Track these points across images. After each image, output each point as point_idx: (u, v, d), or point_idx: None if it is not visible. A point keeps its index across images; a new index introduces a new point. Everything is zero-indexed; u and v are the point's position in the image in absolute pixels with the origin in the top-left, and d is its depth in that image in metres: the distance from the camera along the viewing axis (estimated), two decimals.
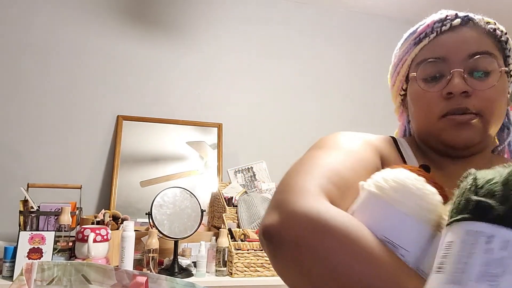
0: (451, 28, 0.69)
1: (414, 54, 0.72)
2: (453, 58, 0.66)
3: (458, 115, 0.65)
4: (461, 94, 0.64)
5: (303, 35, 2.74)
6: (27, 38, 2.24)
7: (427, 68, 0.69)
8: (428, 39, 0.70)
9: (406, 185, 0.48)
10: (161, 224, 1.75)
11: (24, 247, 1.64)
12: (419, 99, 0.70)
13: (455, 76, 0.65)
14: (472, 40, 0.67)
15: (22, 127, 2.18)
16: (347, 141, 0.65)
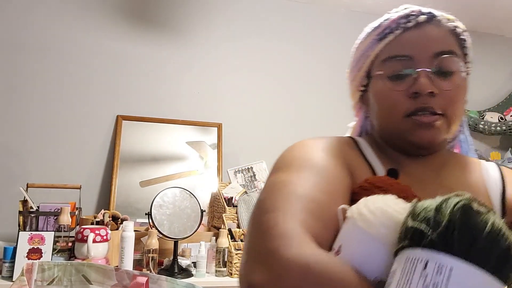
0: (416, 25, 0.68)
1: (378, 50, 0.70)
2: (419, 56, 0.66)
3: (423, 116, 0.65)
4: (427, 94, 0.64)
5: (303, 34, 2.74)
6: (27, 38, 2.24)
7: (393, 66, 0.68)
8: (394, 35, 0.68)
9: (396, 220, 0.45)
10: (161, 224, 1.74)
11: (23, 247, 1.64)
12: (384, 97, 0.69)
13: (421, 75, 0.65)
14: (438, 39, 0.67)
15: (22, 127, 2.18)
16: (314, 157, 0.62)
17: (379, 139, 0.74)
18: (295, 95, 2.67)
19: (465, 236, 0.38)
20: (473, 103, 3.04)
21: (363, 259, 0.46)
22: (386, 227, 0.45)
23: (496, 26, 3.06)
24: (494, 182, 0.72)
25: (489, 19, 2.93)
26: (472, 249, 0.38)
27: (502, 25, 3.03)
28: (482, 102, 3.07)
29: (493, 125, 2.82)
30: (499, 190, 0.71)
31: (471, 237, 0.38)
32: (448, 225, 0.39)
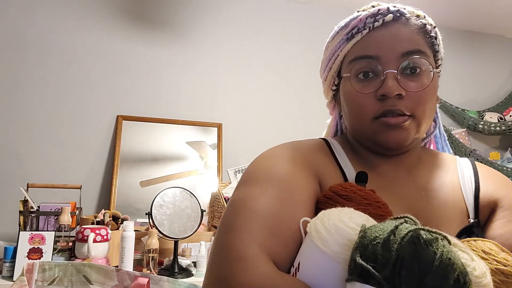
0: (383, 24, 0.67)
1: (347, 50, 0.70)
2: (386, 57, 0.65)
3: (391, 117, 0.64)
4: (395, 96, 0.63)
5: (303, 34, 2.74)
6: (27, 38, 2.24)
7: (360, 66, 0.67)
8: (361, 35, 0.68)
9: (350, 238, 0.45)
10: (161, 224, 1.75)
11: (24, 247, 1.64)
12: (352, 99, 0.68)
13: (388, 77, 0.64)
14: (405, 38, 0.66)
15: (22, 127, 2.18)
16: (277, 169, 0.61)
17: (351, 139, 0.74)
18: (295, 95, 2.67)
19: (413, 275, 0.38)
20: (473, 103, 3.05)
21: (319, 278, 0.46)
22: (340, 246, 0.44)
23: (496, 26, 3.06)
24: (468, 179, 0.72)
25: (489, 19, 2.93)
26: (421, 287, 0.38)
27: (502, 25, 3.03)
28: (482, 102, 3.07)
29: (493, 125, 2.82)
30: (472, 187, 0.71)
31: (420, 275, 0.38)
32: (395, 263, 0.39)
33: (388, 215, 0.56)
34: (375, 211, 0.55)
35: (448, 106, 2.93)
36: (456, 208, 0.68)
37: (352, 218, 0.47)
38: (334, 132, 0.83)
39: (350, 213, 0.48)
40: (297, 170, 0.62)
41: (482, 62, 3.12)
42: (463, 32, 3.08)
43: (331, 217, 0.48)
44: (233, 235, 0.51)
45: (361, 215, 0.48)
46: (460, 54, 3.08)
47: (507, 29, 3.12)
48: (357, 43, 0.68)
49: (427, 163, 0.74)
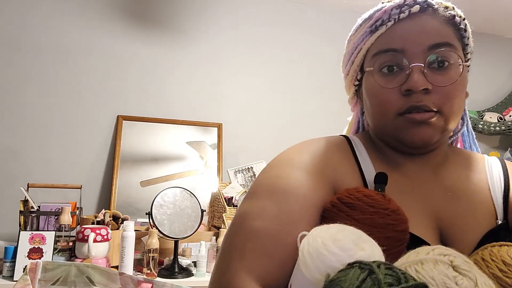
0: (409, 15, 0.63)
1: (370, 44, 0.66)
2: (412, 50, 0.61)
3: (416, 114, 0.60)
4: (421, 91, 0.60)
5: (303, 35, 2.74)
6: (27, 38, 2.24)
7: (384, 60, 0.63)
8: (385, 27, 0.64)
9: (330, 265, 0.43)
10: (161, 224, 1.75)
11: (24, 247, 1.64)
12: (376, 94, 0.64)
13: (414, 71, 0.60)
14: (432, 30, 0.62)
15: (22, 127, 2.18)
16: (285, 179, 0.59)
17: (374, 137, 0.70)
18: (295, 95, 2.67)
19: None
20: (473, 103, 3.05)
21: None
22: (321, 273, 0.43)
23: (495, 26, 3.07)
24: (497, 179, 0.68)
25: (488, 19, 2.94)
26: None
27: (502, 25, 3.04)
28: (482, 102, 3.08)
29: (492, 125, 2.83)
30: (501, 188, 0.67)
31: None
32: None
33: (399, 222, 0.52)
34: (382, 220, 0.52)
35: None
36: (484, 209, 0.65)
37: (337, 241, 0.44)
38: (356, 129, 0.80)
39: (337, 233, 0.45)
40: (306, 178, 0.59)
41: (482, 62, 3.12)
42: None
43: (316, 239, 0.45)
44: (227, 258, 0.55)
45: (350, 235, 0.45)
46: None
47: (506, 29, 3.12)
48: (381, 35, 0.64)
49: (454, 162, 0.71)
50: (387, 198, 0.55)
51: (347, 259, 0.43)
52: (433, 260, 0.43)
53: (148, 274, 1.70)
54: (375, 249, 0.45)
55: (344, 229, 0.46)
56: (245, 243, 0.54)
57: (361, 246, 0.44)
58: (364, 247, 0.44)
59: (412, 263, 0.44)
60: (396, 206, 0.54)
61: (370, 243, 0.45)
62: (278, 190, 0.58)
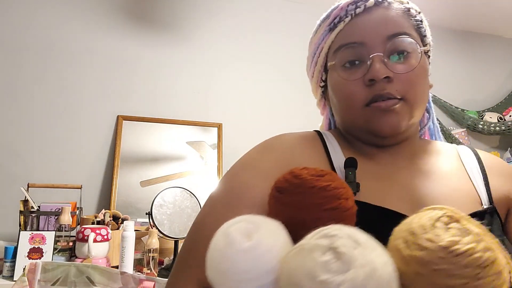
0: (365, 9, 0.65)
1: (331, 41, 0.68)
2: (371, 41, 0.62)
3: (382, 102, 0.61)
4: (383, 80, 0.61)
5: (303, 34, 2.74)
6: (27, 38, 2.24)
7: (345, 54, 0.64)
8: (343, 24, 0.66)
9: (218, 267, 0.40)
10: (161, 224, 1.75)
11: (24, 247, 1.64)
12: (340, 88, 0.65)
13: (375, 61, 0.61)
14: (389, 21, 0.63)
15: (22, 127, 2.18)
16: (245, 187, 0.60)
17: (344, 133, 0.71)
18: (295, 95, 2.67)
19: None
20: (473, 103, 3.05)
21: None
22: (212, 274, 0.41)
23: (494, 27, 3.07)
24: (473, 166, 0.69)
25: (487, 19, 2.94)
26: None
27: (501, 25, 3.04)
28: (481, 102, 3.08)
29: (492, 125, 2.83)
30: (480, 174, 0.67)
31: None
32: None
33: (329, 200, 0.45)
34: (309, 200, 0.45)
35: (448, 106, 2.94)
36: (466, 194, 0.65)
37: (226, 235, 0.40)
38: (327, 130, 0.80)
39: (231, 226, 0.41)
40: (265, 185, 0.54)
41: (481, 62, 3.12)
42: (462, 32, 3.08)
43: (216, 237, 0.42)
44: (172, 273, 0.60)
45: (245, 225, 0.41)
46: (459, 55, 3.08)
47: (505, 29, 3.12)
48: (340, 32, 0.66)
49: (428, 151, 0.71)
50: (323, 175, 0.48)
51: (231, 254, 0.38)
52: (311, 246, 0.37)
53: (148, 274, 1.70)
54: (270, 237, 0.40)
55: (243, 219, 0.42)
56: (190, 252, 0.56)
57: (251, 236, 0.39)
58: (253, 237, 0.39)
59: (292, 250, 0.38)
60: (328, 182, 0.47)
61: (266, 231, 0.40)
62: (233, 200, 0.59)
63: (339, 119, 0.71)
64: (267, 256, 0.38)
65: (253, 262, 0.38)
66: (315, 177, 0.47)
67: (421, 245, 0.37)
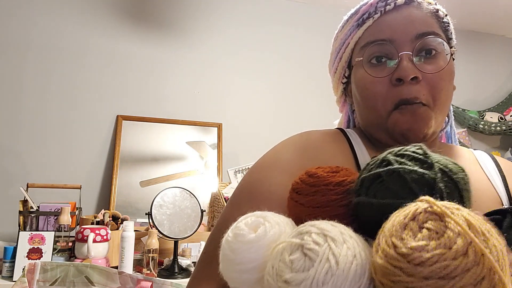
0: (395, 7, 0.64)
1: (358, 37, 0.66)
2: (400, 39, 0.61)
3: (408, 106, 0.60)
4: (411, 80, 0.59)
5: (303, 34, 2.74)
6: (27, 38, 2.24)
7: (373, 51, 0.63)
8: (372, 20, 0.64)
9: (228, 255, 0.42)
10: (161, 224, 1.74)
11: (23, 247, 1.64)
12: (366, 86, 0.64)
13: (403, 59, 0.60)
14: (419, 20, 0.62)
15: (22, 127, 2.18)
16: (268, 184, 0.59)
17: (366, 132, 0.69)
18: (295, 95, 2.67)
19: None
20: (473, 103, 3.05)
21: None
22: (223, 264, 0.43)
23: (496, 26, 3.06)
24: (492, 169, 0.68)
25: (489, 19, 2.93)
26: None
27: (502, 25, 3.03)
28: (482, 102, 3.07)
29: (493, 125, 2.82)
30: (499, 177, 0.67)
31: None
32: None
33: (346, 195, 0.45)
34: (324, 198, 0.45)
35: None
36: (487, 196, 0.63)
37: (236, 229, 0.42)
38: (346, 128, 0.78)
39: (240, 222, 0.43)
40: (288, 182, 0.53)
41: (483, 62, 3.12)
42: (464, 32, 3.08)
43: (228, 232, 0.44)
44: (196, 271, 0.61)
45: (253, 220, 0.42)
46: (460, 54, 3.07)
47: (507, 29, 3.12)
48: (369, 28, 0.65)
49: (447, 154, 0.69)
50: (338, 171, 0.48)
51: (237, 244, 0.40)
52: (284, 245, 0.37)
53: (148, 275, 1.70)
54: (274, 228, 0.41)
55: (253, 214, 0.43)
56: (215, 250, 0.55)
57: (257, 229, 0.41)
58: (259, 229, 0.40)
59: (274, 248, 0.39)
60: (344, 177, 0.46)
61: (271, 223, 0.41)
62: (258, 197, 0.58)
63: (361, 118, 0.69)
64: (271, 246, 0.39)
65: (257, 252, 0.39)
66: (330, 174, 0.46)
67: (384, 251, 0.33)
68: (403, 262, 0.31)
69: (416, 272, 0.30)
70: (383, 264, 0.32)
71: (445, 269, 0.29)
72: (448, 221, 0.32)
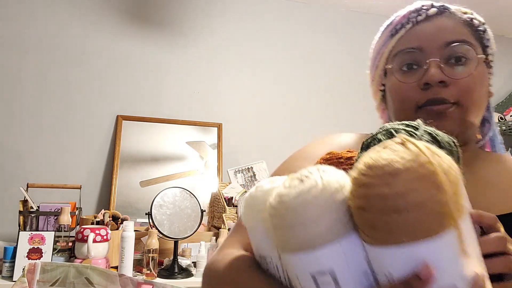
0: (427, 18, 0.68)
1: (391, 46, 0.71)
2: (429, 47, 0.65)
3: (434, 106, 0.63)
4: (438, 84, 0.63)
5: (303, 34, 2.74)
6: (26, 38, 2.24)
7: (403, 58, 0.67)
8: (405, 30, 0.69)
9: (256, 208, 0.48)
10: (161, 224, 1.74)
11: (24, 247, 1.64)
12: (396, 90, 0.68)
13: (431, 65, 0.63)
14: (448, 29, 0.66)
15: (22, 127, 2.18)
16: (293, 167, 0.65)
17: None
18: (295, 95, 2.67)
19: None
20: None
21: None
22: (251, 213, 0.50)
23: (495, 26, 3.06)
24: None
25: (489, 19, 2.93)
26: None
27: (502, 25, 3.03)
28: None
29: None
30: None
31: None
32: None
33: None
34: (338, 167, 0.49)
35: None
36: None
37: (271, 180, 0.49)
38: None
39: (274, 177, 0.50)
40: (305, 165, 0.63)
41: None
42: None
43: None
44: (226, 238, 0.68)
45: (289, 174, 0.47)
46: None
47: (507, 29, 3.12)
48: (401, 37, 0.69)
49: (485, 159, 0.71)
50: (352, 151, 0.56)
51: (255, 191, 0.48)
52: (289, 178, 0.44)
53: (148, 275, 1.70)
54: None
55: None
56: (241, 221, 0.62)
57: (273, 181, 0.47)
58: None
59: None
60: (355, 155, 0.53)
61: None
62: None
63: (395, 120, 0.72)
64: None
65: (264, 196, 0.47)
66: (343, 152, 0.55)
67: (356, 167, 0.38)
68: (366, 169, 0.37)
69: (373, 173, 0.36)
70: (356, 176, 0.38)
71: (390, 167, 0.35)
72: (409, 146, 0.37)
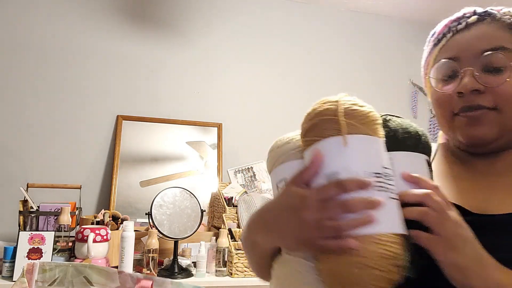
0: (466, 26, 0.69)
1: (434, 55, 0.73)
2: (465, 56, 0.66)
3: (469, 112, 0.65)
4: (472, 93, 0.64)
5: (303, 34, 2.74)
6: (26, 38, 2.24)
7: (441, 68, 0.69)
8: (446, 39, 0.71)
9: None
10: (161, 224, 1.74)
11: (24, 247, 1.64)
12: (435, 99, 0.71)
13: (465, 75, 0.65)
14: (485, 37, 0.66)
15: (22, 127, 2.18)
16: None
17: (449, 145, 0.75)
18: (295, 95, 2.67)
19: None
20: None
21: None
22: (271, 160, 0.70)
23: None
24: None
25: None
26: None
27: None
28: None
29: None
30: None
31: None
32: None
33: None
34: None
35: None
36: None
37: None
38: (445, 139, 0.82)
39: None
40: None
41: None
42: None
43: None
44: None
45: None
46: None
47: None
48: (443, 47, 0.71)
49: None
50: None
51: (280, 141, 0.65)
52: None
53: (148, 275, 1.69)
54: None
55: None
56: None
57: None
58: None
59: None
60: None
61: None
62: None
63: (440, 128, 0.76)
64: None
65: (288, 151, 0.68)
66: None
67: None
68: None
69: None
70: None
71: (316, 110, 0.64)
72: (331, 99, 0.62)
